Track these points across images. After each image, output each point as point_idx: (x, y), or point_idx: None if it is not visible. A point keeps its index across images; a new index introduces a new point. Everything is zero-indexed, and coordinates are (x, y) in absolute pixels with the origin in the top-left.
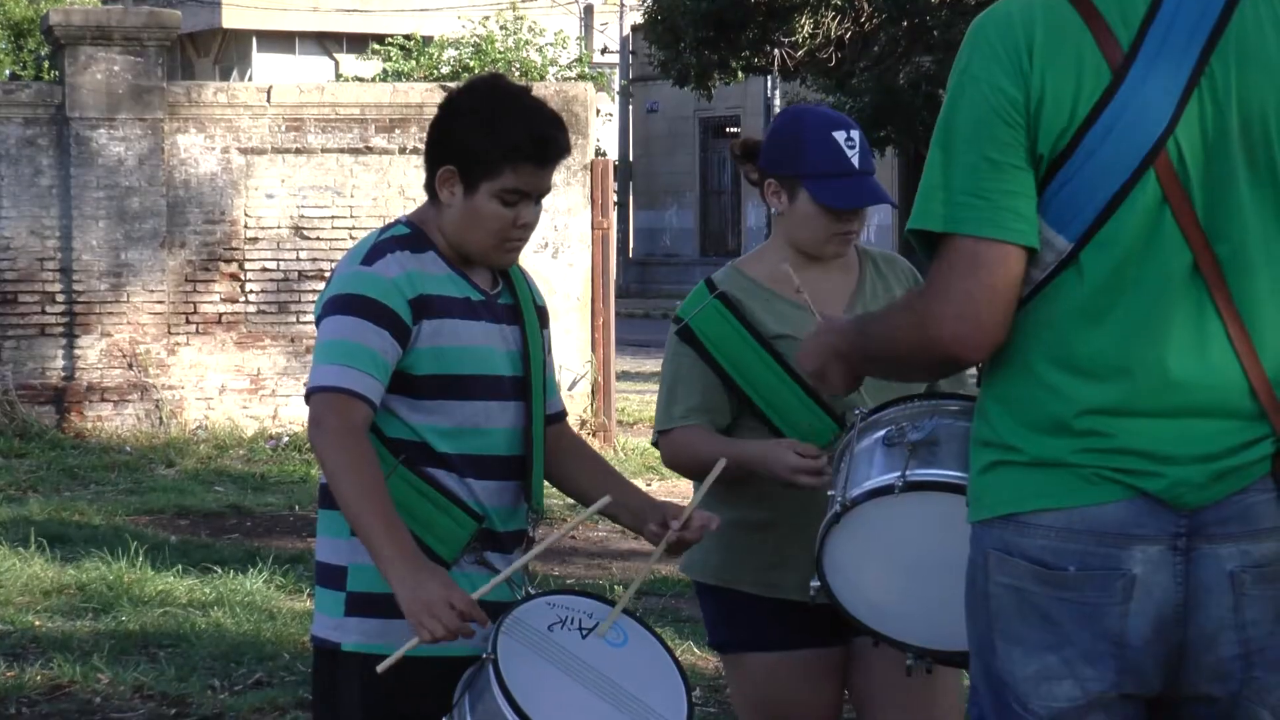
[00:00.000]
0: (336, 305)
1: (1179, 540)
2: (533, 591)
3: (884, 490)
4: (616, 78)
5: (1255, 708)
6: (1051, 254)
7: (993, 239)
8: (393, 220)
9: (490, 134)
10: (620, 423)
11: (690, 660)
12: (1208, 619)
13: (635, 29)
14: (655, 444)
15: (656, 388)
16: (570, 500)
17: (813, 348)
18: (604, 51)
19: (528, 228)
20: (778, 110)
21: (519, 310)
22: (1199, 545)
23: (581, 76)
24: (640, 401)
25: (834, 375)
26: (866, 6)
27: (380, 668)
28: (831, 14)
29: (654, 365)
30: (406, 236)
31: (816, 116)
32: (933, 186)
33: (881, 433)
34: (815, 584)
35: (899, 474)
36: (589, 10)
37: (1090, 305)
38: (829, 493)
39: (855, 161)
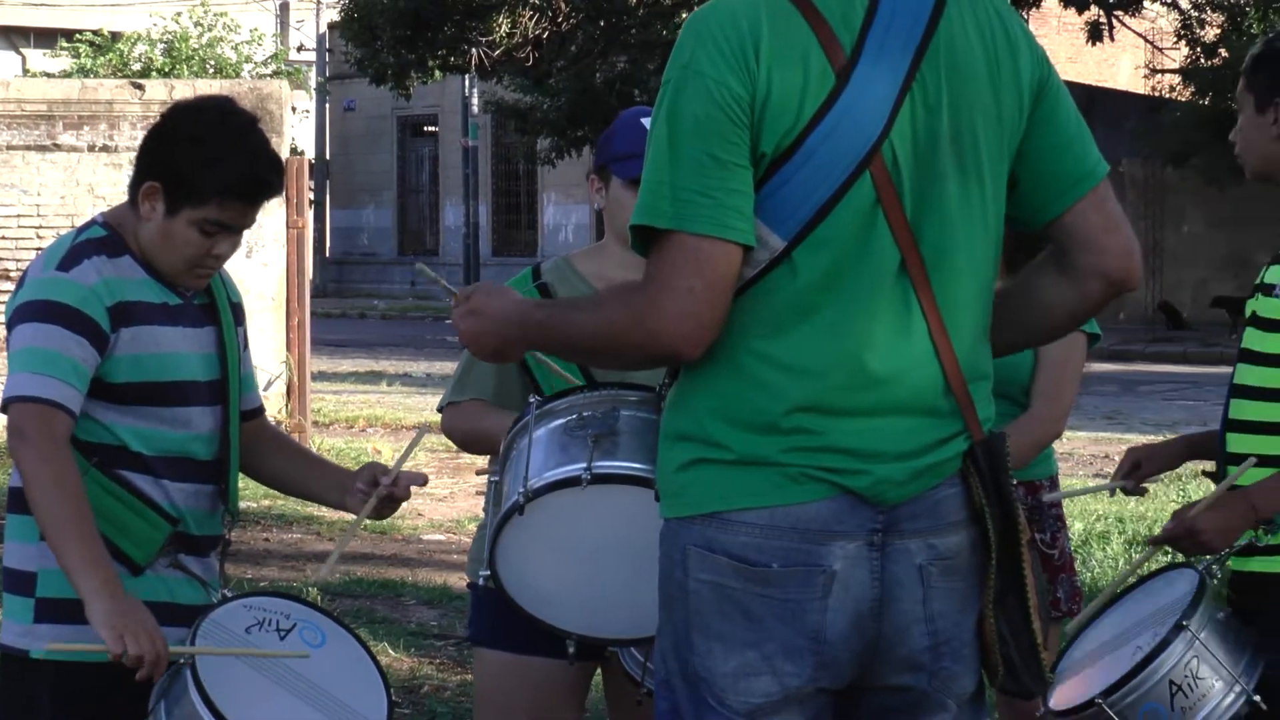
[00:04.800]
0: (33, 312)
1: (875, 536)
2: (228, 594)
3: (570, 482)
4: (313, 75)
5: (943, 697)
6: (765, 252)
7: (717, 237)
8: (88, 221)
9: (206, 166)
10: (316, 423)
11: (385, 662)
12: (900, 613)
13: (332, 26)
14: (440, 409)
15: (353, 388)
16: (267, 503)
17: (487, 335)
18: (300, 49)
19: (222, 258)
20: (475, 109)
21: (215, 310)
22: (893, 541)
23: (277, 74)
24: (337, 402)
25: (511, 357)
26: (564, 6)
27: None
28: (529, 13)
29: (351, 365)
30: (103, 240)
31: (632, 111)
32: (658, 182)
33: (560, 422)
34: (485, 572)
35: (584, 466)
36: (285, 7)
37: (802, 303)
38: (492, 478)
39: None
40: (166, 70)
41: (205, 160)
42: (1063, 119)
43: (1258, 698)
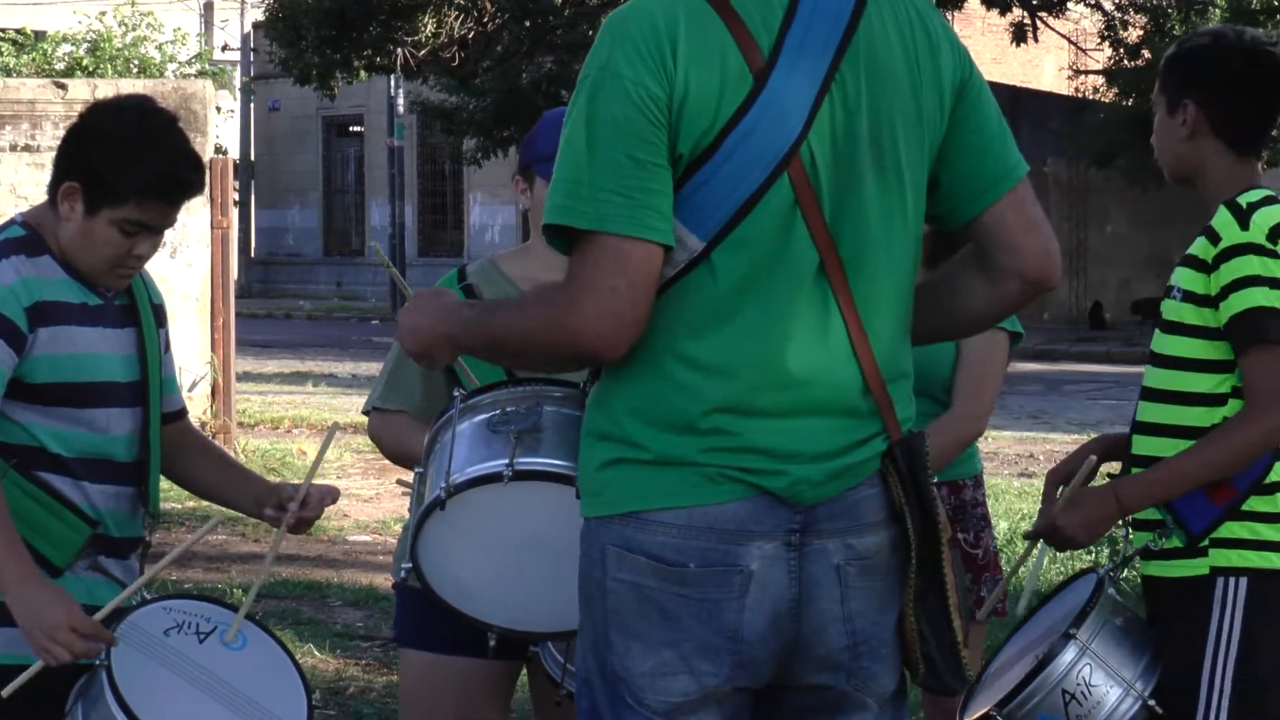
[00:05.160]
0: None
1: (793, 536)
2: (148, 596)
3: (492, 478)
4: (238, 75)
5: (863, 697)
6: (684, 252)
7: (637, 237)
8: (7, 221)
9: (125, 166)
10: (241, 424)
11: (311, 663)
12: (818, 612)
13: (257, 26)
14: (366, 412)
15: (278, 389)
16: (190, 504)
17: (423, 330)
18: (225, 48)
19: (143, 258)
20: (401, 109)
21: (136, 311)
22: (810, 541)
23: (201, 74)
24: (262, 403)
25: (441, 358)
26: (490, 6)
27: (4, 693)
28: (454, 13)
29: (277, 366)
30: (22, 240)
31: (556, 111)
32: (575, 182)
33: (484, 416)
34: (406, 565)
35: (506, 462)
36: (209, 7)
37: (721, 304)
38: (417, 470)
39: None
40: (91, 70)
41: (124, 160)
42: (984, 119)
43: (1153, 702)
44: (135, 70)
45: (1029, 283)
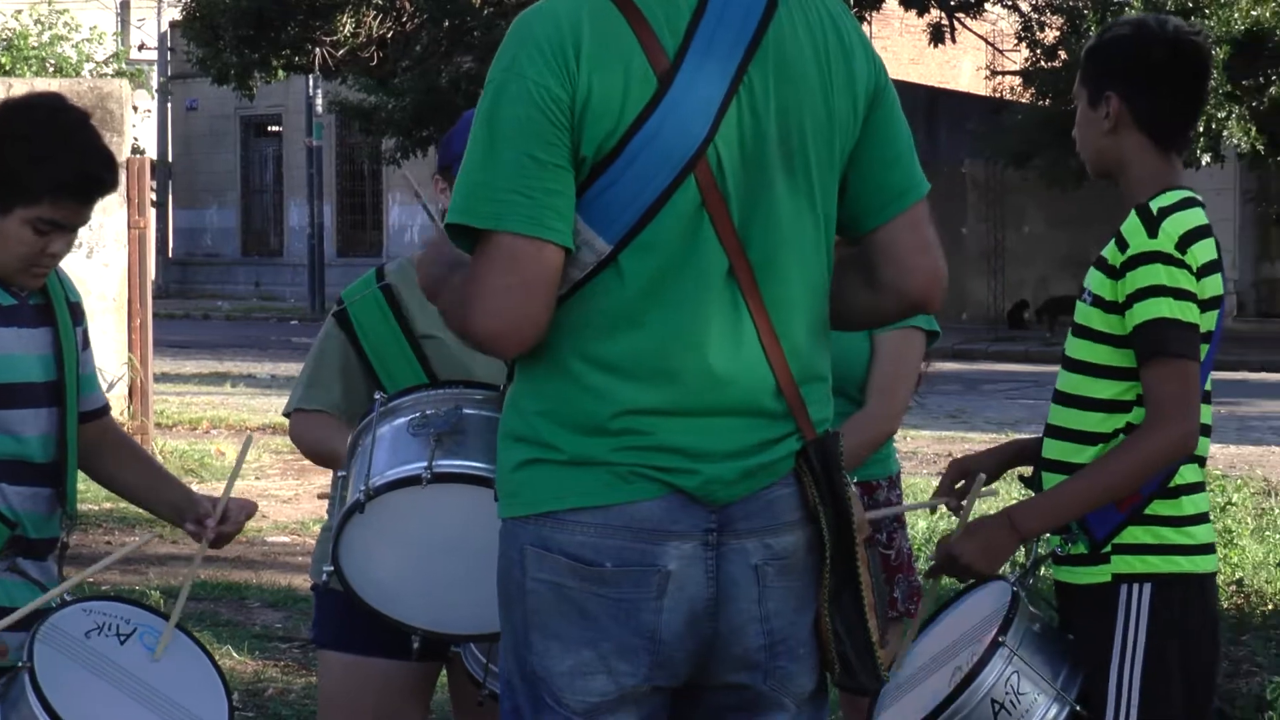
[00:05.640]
0: None
1: (710, 536)
2: (68, 598)
3: (411, 480)
4: (155, 75)
5: (780, 696)
6: (591, 255)
7: (532, 236)
8: None
9: (37, 164)
10: (159, 425)
11: (229, 665)
12: (736, 612)
13: (174, 25)
14: (287, 415)
15: (196, 390)
16: (108, 505)
17: (420, 271)
18: (141, 48)
19: (57, 256)
20: (320, 109)
21: (52, 310)
22: (728, 540)
23: (118, 73)
24: (180, 404)
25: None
26: (408, 6)
27: None
28: (373, 13)
29: (195, 367)
30: None
31: (472, 112)
32: (475, 182)
33: (404, 419)
34: (328, 568)
35: (425, 464)
36: (125, 6)
37: (630, 307)
38: (339, 474)
39: None
40: (7, 69)
41: (36, 158)
42: (894, 132)
43: (1080, 708)
44: (51, 70)
45: (909, 304)
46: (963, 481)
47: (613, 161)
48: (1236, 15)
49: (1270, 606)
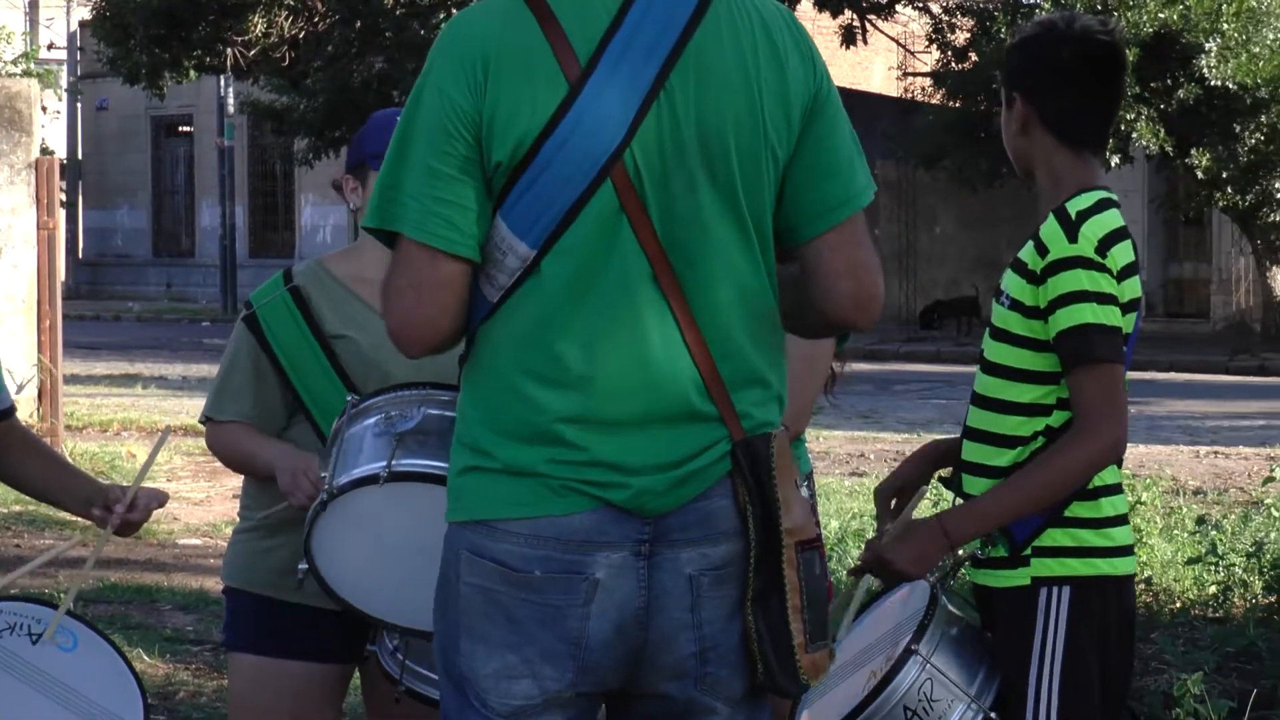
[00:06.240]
0: None
1: (643, 546)
2: None
3: (369, 480)
4: (65, 74)
5: (710, 700)
6: (516, 260)
7: (422, 243)
8: None
9: None
10: (69, 427)
11: (140, 668)
12: (668, 621)
13: (84, 24)
14: (203, 423)
15: (107, 391)
16: (18, 508)
17: None
18: (51, 47)
19: None
20: (231, 109)
21: None
22: (661, 550)
23: (27, 73)
24: (91, 405)
25: None
26: (320, 7)
27: None
28: (285, 13)
29: (105, 368)
30: None
31: (385, 111)
32: (383, 184)
33: (371, 420)
34: (303, 566)
35: (384, 464)
36: (34, 4)
37: (555, 313)
38: (322, 474)
39: None
40: None
41: None
42: (834, 143)
43: (994, 715)
44: None
45: (830, 324)
46: (896, 500)
47: (528, 166)
48: (1145, 18)
49: (1178, 605)
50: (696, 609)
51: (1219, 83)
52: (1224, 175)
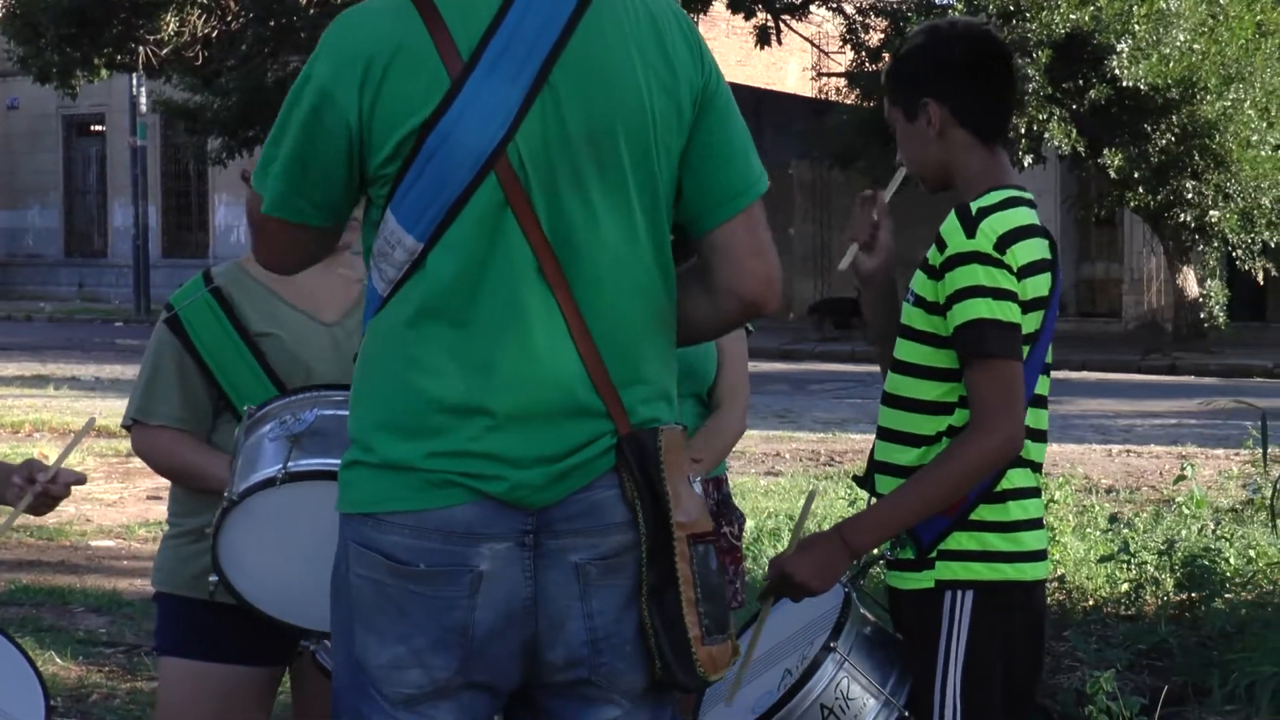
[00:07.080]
0: None
1: (527, 537)
2: None
3: (267, 483)
4: None
5: (608, 693)
6: (404, 253)
7: (279, 217)
8: None
9: None
10: None
11: (52, 670)
12: (556, 611)
13: None
14: (127, 427)
15: (18, 392)
16: None
17: None
18: None
19: None
20: (144, 108)
21: None
22: (546, 541)
23: None
24: (1, 406)
25: None
26: (233, 5)
27: None
28: (198, 12)
29: (16, 369)
30: None
31: None
32: (264, 158)
33: (267, 427)
34: (214, 578)
35: (280, 466)
36: None
37: (439, 306)
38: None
39: None
40: None
41: None
42: (727, 134)
43: (909, 714)
44: None
45: (746, 305)
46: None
47: (413, 160)
48: (1057, 19)
49: (1090, 603)
50: (586, 598)
51: (1130, 83)
52: (1135, 175)
